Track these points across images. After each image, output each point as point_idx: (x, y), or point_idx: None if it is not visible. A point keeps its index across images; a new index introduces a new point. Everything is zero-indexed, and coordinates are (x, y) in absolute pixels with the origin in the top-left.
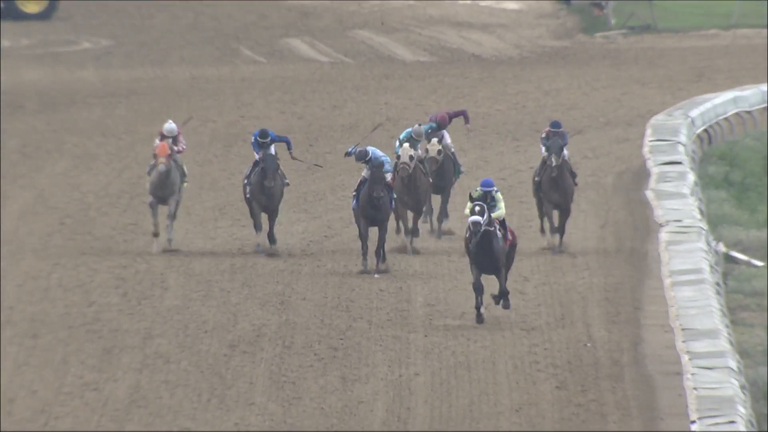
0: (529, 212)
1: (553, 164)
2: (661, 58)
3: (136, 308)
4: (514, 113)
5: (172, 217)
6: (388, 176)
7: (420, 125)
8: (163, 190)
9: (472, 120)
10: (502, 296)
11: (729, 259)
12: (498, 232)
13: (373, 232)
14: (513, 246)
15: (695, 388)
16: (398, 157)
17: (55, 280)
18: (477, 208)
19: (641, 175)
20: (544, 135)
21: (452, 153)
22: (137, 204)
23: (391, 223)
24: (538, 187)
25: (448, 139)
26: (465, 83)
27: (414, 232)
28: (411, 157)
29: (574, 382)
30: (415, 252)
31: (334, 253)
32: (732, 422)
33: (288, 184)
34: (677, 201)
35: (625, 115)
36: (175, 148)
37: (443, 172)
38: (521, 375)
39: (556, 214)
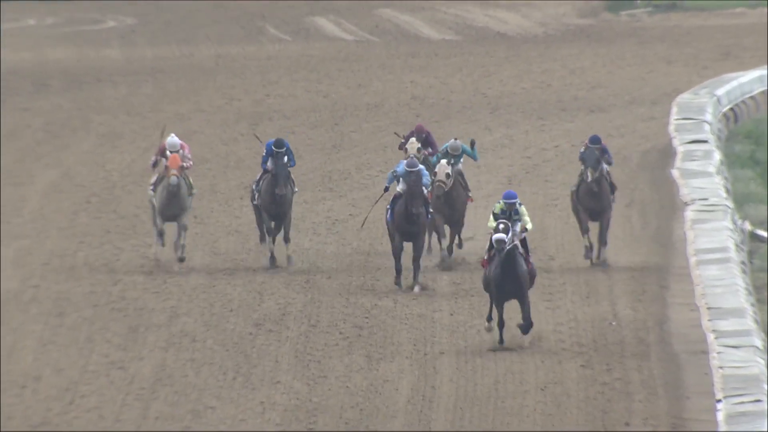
0: (554, 191)
1: (589, 179)
2: (686, 36)
3: (161, 287)
4: (539, 92)
5: (183, 234)
6: (426, 190)
7: (456, 140)
8: (173, 208)
9: (495, 100)
10: (527, 327)
11: (755, 237)
12: (521, 252)
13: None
14: (532, 276)
15: (721, 367)
16: (434, 174)
17: (81, 259)
18: (501, 226)
19: (667, 153)
20: (582, 149)
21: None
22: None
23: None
24: (576, 199)
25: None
26: (490, 62)
27: (449, 250)
28: (448, 175)
29: (599, 360)
30: (448, 268)
31: (359, 232)
32: (758, 401)
33: (296, 191)
34: (703, 180)
35: (650, 94)
36: (184, 164)
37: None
38: (546, 353)
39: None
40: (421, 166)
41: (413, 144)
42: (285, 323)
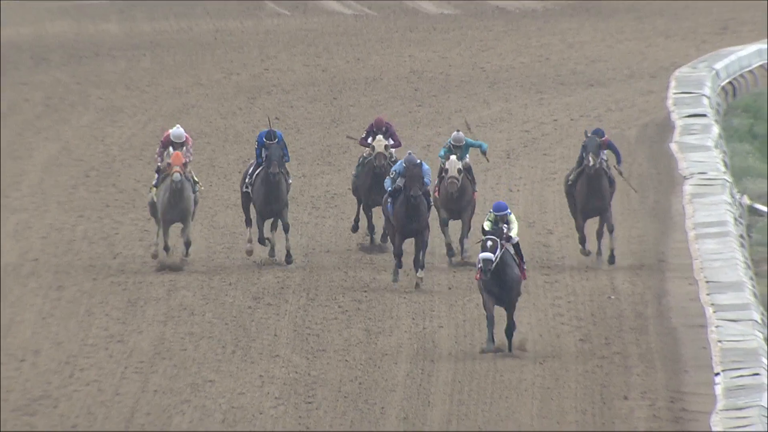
0: (553, 165)
1: (591, 163)
2: (685, 10)
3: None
4: (537, 66)
5: (187, 237)
6: (426, 185)
7: (458, 131)
8: (176, 209)
9: (493, 74)
10: (510, 332)
11: (753, 211)
12: (514, 258)
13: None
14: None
15: (719, 341)
16: (445, 170)
17: (80, 232)
18: (489, 243)
19: (665, 127)
20: (583, 145)
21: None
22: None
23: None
24: (571, 190)
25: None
26: (489, 36)
27: (458, 249)
28: (459, 171)
29: (597, 334)
30: (460, 263)
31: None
32: (756, 374)
33: (291, 183)
34: (701, 153)
35: (649, 68)
36: (186, 160)
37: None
38: (545, 327)
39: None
40: (422, 162)
41: (380, 141)
42: (284, 297)
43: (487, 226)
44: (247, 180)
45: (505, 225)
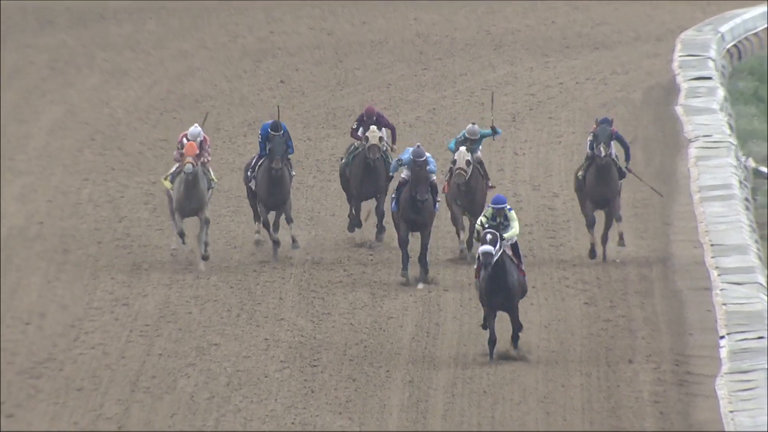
0: (558, 128)
1: (602, 153)
2: None
3: (165, 224)
4: (543, 29)
5: (206, 228)
6: (433, 177)
7: (474, 124)
8: (191, 201)
9: (499, 37)
10: (516, 336)
11: (758, 174)
12: (512, 260)
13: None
14: (523, 287)
15: (724, 303)
16: (454, 162)
17: (85, 196)
18: (488, 237)
19: (671, 90)
20: (591, 137)
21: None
22: (167, 119)
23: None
24: (580, 184)
25: (383, 133)
26: None
27: (469, 244)
28: (468, 162)
29: (602, 297)
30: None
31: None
32: (761, 337)
33: (294, 175)
34: (707, 116)
35: (654, 30)
36: (202, 160)
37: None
38: (550, 291)
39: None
40: (428, 155)
41: (374, 133)
42: (289, 260)
43: (483, 220)
44: (249, 173)
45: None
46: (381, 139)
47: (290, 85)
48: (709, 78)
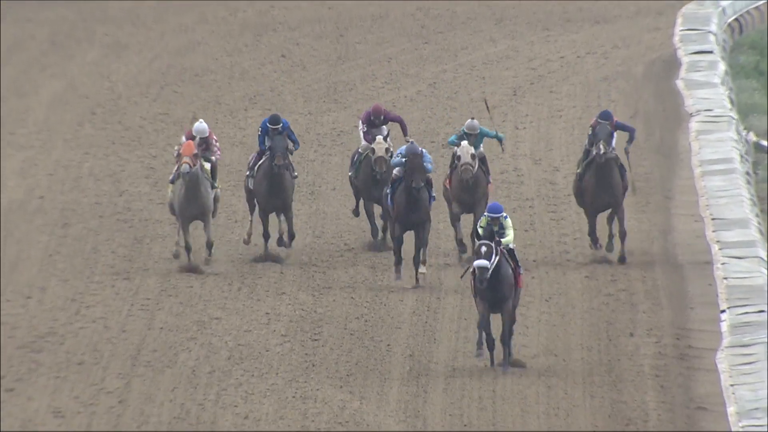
0: (559, 102)
1: (602, 152)
2: None
3: (166, 198)
4: (544, 2)
5: (209, 238)
6: (429, 170)
7: (473, 119)
8: (194, 204)
9: (500, 11)
10: (506, 340)
11: (759, 148)
12: (508, 263)
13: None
14: (517, 295)
15: (725, 278)
16: (458, 157)
17: (86, 170)
18: (483, 249)
19: (672, 64)
20: (590, 131)
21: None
22: (168, 93)
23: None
24: (580, 183)
25: (384, 131)
26: None
27: (462, 244)
28: (473, 156)
29: (603, 271)
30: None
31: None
32: (761, 311)
33: (297, 176)
34: (708, 90)
35: (655, 4)
36: (212, 158)
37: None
38: (551, 265)
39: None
40: (423, 150)
41: (380, 144)
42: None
43: (479, 231)
44: (248, 173)
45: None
46: (387, 150)
47: (291, 59)
48: (710, 52)
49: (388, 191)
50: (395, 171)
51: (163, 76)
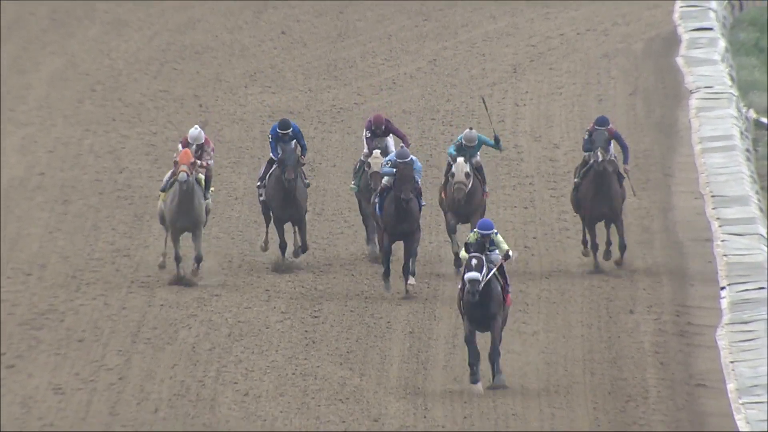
0: (559, 79)
1: (599, 159)
2: None
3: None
4: None
5: (198, 253)
6: (418, 180)
7: (471, 129)
8: (186, 216)
9: None
10: (494, 360)
11: (759, 125)
12: (498, 281)
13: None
14: (505, 315)
15: (725, 255)
16: (452, 174)
17: (87, 147)
18: (474, 261)
19: (672, 41)
20: (586, 135)
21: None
22: (168, 70)
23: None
24: (577, 193)
25: (392, 146)
26: None
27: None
28: (467, 175)
29: (603, 248)
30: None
31: (364, 120)
32: (761, 288)
33: (309, 185)
34: (708, 67)
35: None
36: (199, 162)
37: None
38: (551, 242)
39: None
40: (413, 157)
41: (377, 159)
42: None
43: (464, 248)
44: (259, 183)
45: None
46: (383, 165)
47: (291, 36)
48: (710, 29)
49: (376, 200)
50: (384, 180)
51: (163, 53)
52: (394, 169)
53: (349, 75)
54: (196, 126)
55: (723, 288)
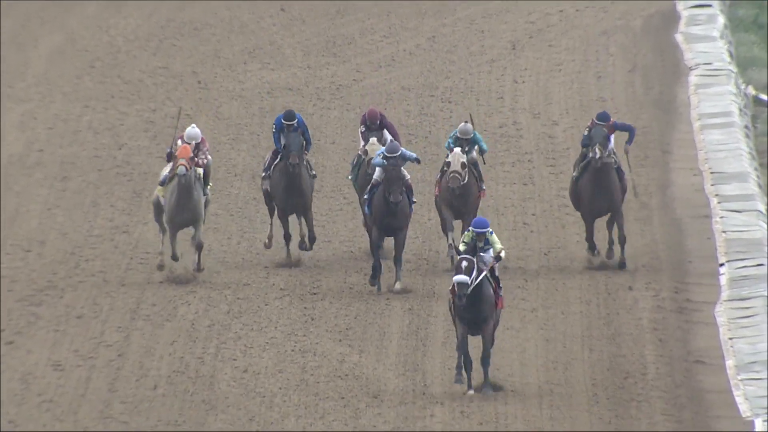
0: (558, 56)
1: (597, 156)
2: None
3: (165, 151)
4: None
5: (199, 240)
6: (408, 176)
7: (467, 123)
8: (185, 211)
9: None
10: (486, 366)
11: (758, 101)
12: (490, 283)
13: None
14: (496, 319)
15: (724, 231)
16: (447, 164)
17: (85, 123)
18: (464, 264)
19: (671, 17)
20: (586, 132)
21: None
22: (167, 47)
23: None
24: (576, 186)
25: (389, 136)
26: None
27: (458, 251)
28: (463, 165)
29: (602, 225)
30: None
31: (364, 96)
32: (760, 264)
33: (315, 176)
34: (707, 44)
35: None
36: (196, 159)
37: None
38: (550, 218)
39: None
40: (402, 149)
41: (373, 146)
42: None
43: (461, 246)
44: (263, 174)
45: (483, 248)
46: (375, 157)
47: (290, 13)
48: (709, 5)
49: (366, 197)
50: (375, 174)
51: (162, 29)
52: (385, 162)
53: (348, 52)
54: (194, 125)
55: (722, 265)
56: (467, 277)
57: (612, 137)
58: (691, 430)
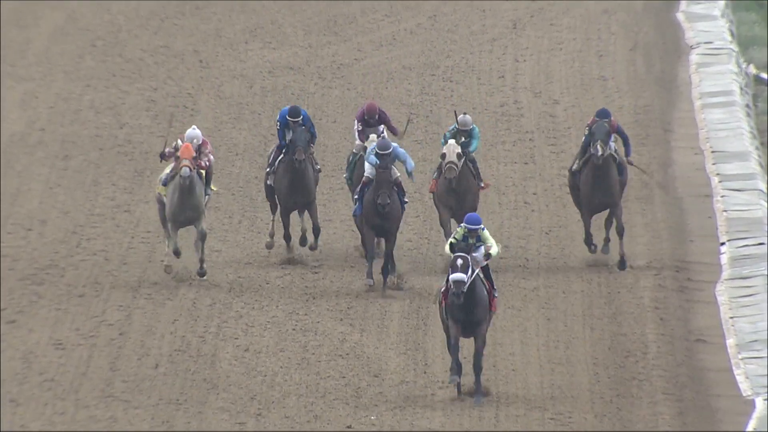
0: (559, 35)
1: (599, 152)
2: None
3: (167, 130)
4: None
5: (201, 244)
6: (398, 175)
7: (465, 114)
8: (185, 210)
9: None
10: (478, 366)
11: (759, 80)
12: (483, 284)
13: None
14: (489, 317)
15: (725, 210)
16: (443, 155)
17: (87, 102)
18: (459, 262)
19: None
20: (587, 131)
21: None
22: (168, 26)
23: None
24: (575, 181)
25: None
26: None
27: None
28: (459, 155)
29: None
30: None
31: (365, 75)
32: (761, 243)
33: (320, 170)
34: (708, 23)
35: None
36: (200, 162)
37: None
38: (551, 197)
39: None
40: (395, 145)
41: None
42: None
43: (452, 241)
44: (267, 169)
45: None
46: (368, 154)
47: None
48: None
49: (356, 196)
50: (366, 172)
51: (163, 8)
52: (378, 160)
53: (349, 31)
54: (194, 126)
55: (723, 243)
56: (464, 275)
57: (613, 135)
58: (692, 409)
